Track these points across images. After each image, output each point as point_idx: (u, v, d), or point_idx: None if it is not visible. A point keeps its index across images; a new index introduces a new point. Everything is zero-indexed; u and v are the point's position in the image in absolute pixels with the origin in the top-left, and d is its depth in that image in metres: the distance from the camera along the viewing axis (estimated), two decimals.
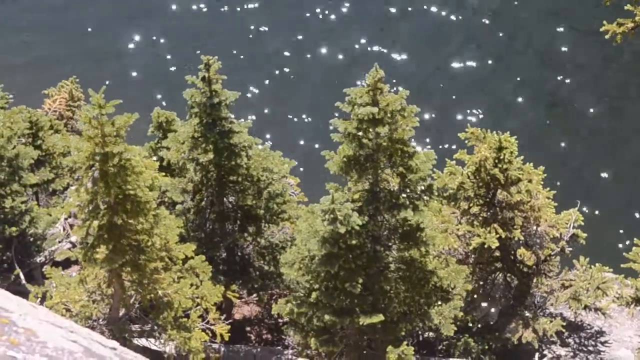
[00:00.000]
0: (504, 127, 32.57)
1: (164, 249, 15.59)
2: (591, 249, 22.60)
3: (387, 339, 16.80)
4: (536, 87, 35.71)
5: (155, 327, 16.41)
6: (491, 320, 22.16)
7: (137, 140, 20.07)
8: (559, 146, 34.03)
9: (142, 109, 20.93)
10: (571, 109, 35.32)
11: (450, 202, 20.59)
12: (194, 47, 35.99)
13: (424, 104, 34.05)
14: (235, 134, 18.69)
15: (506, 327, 21.46)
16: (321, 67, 36.35)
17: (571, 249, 21.43)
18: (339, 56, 36.55)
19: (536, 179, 20.58)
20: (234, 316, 22.35)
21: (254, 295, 22.28)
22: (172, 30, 37.48)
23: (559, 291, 21.32)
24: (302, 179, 26.21)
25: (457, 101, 35.23)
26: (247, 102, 33.89)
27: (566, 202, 22.62)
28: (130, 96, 32.71)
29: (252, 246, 20.50)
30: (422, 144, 33.15)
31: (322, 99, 33.55)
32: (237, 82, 30.45)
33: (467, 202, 20.54)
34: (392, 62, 35.68)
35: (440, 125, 33.89)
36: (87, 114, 13.86)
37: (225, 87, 18.53)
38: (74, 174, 23.34)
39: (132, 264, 15.19)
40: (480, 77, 35.99)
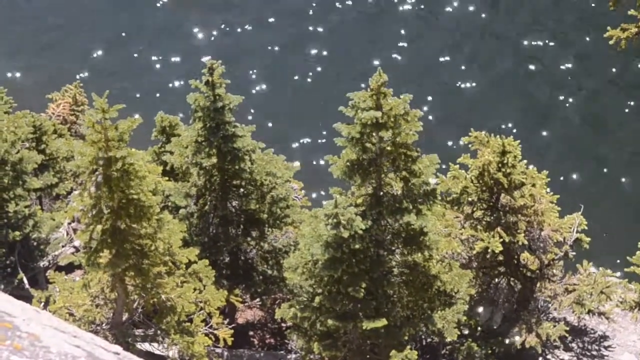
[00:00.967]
0: (508, 131, 32.78)
1: (167, 254, 15.59)
2: (595, 253, 22.56)
3: (391, 344, 16.78)
4: (538, 91, 35.67)
5: (158, 331, 16.41)
6: (494, 324, 22.13)
7: (140, 144, 20.09)
8: (562, 150, 33.98)
9: (145, 113, 21.04)
10: (574, 113, 35.27)
11: (453, 207, 20.56)
12: (198, 54, 36.05)
13: (426, 107, 34.11)
14: (238, 138, 18.67)
15: (509, 331, 21.42)
16: (325, 70, 36.34)
17: (575, 253, 21.40)
18: (343, 60, 36.54)
19: (540, 183, 20.56)
20: (237, 320, 22.34)
21: (257, 299, 22.29)
22: (178, 39, 37.52)
23: (563, 295, 21.28)
24: (306, 183, 26.19)
25: (460, 105, 35.20)
26: (250, 105, 33.89)
27: (570, 206, 22.57)
28: (133, 100, 32.80)
29: (255, 250, 20.49)
30: (425, 148, 33.08)
31: (325, 103, 33.55)
32: (240, 86, 30.49)
33: (471, 206, 20.52)
34: (394, 64, 35.65)
35: (443, 129, 33.84)
36: (90, 119, 13.88)
37: (228, 92, 18.52)
38: (78, 179, 23.38)
39: (136, 268, 15.19)
40: (485, 82, 35.96)
